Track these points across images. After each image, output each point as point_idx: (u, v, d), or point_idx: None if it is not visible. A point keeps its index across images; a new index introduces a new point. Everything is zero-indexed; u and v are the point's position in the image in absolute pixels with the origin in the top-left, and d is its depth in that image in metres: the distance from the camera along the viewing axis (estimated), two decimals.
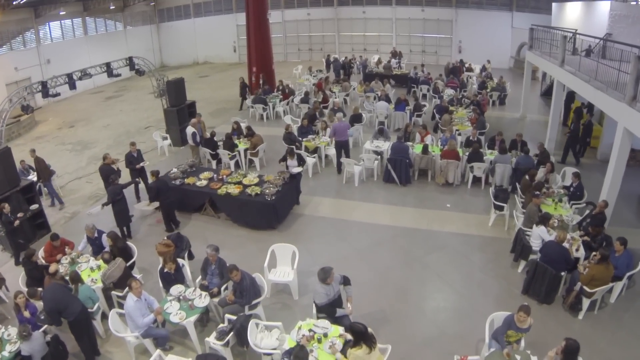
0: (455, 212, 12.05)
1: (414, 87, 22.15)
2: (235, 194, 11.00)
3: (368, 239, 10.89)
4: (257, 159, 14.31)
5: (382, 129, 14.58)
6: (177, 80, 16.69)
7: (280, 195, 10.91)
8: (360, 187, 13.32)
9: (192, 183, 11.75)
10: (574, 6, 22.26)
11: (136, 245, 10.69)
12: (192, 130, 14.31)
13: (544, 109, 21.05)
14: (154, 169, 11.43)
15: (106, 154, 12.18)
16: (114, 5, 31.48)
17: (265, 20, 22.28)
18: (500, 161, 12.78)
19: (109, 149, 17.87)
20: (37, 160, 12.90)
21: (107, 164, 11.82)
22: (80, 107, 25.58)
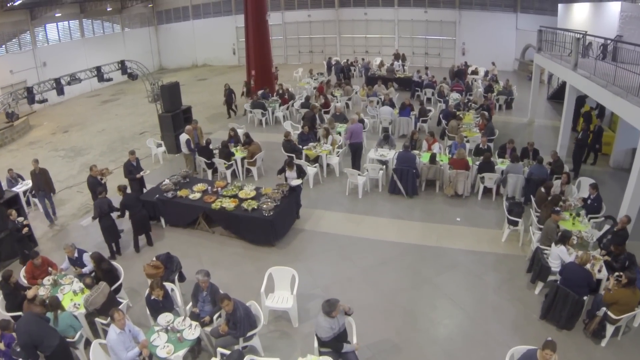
0: (465, 227, 11.20)
1: (418, 91, 21.33)
2: (231, 208, 10.15)
3: (373, 257, 10.05)
4: (254, 168, 13.46)
5: (387, 136, 13.73)
6: (171, 84, 15.86)
7: (279, 211, 10.06)
8: (365, 199, 12.46)
9: (184, 196, 10.91)
10: (581, 7, 21.44)
11: (126, 263, 10.01)
12: (185, 138, 13.53)
13: (551, 113, 20.24)
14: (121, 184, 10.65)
15: (93, 165, 11.35)
16: (112, 7, 30.72)
17: (265, 22, 21.47)
18: (513, 171, 11.97)
19: (103, 155, 17.14)
20: (41, 172, 12.01)
21: (93, 176, 10.98)
22: (76, 111, 24.80)
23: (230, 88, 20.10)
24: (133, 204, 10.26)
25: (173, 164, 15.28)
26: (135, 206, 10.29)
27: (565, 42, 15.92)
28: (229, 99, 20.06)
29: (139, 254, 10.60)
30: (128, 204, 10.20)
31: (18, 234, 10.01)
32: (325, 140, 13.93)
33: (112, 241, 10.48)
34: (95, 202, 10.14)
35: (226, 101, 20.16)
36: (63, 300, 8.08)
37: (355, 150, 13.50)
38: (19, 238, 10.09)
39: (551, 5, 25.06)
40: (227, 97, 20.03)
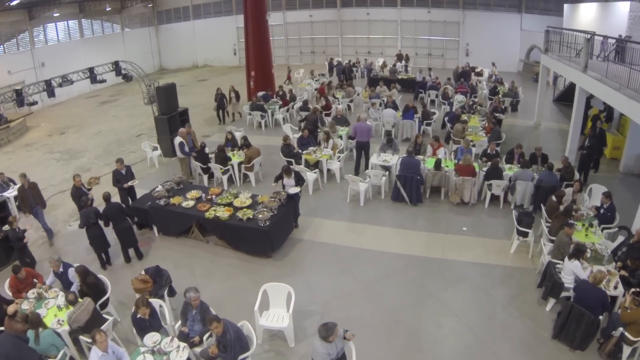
0: (472, 237, 10.57)
1: (422, 93, 20.68)
2: (225, 218, 9.54)
3: (375, 270, 9.42)
4: (252, 173, 12.85)
5: (391, 140, 13.08)
6: (167, 85, 15.26)
7: (276, 220, 9.45)
8: (366, 206, 11.82)
9: (177, 204, 10.30)
10: (588, 7, 20.85)
11: (116, 274, 9.58)
12: (179, 141, 12.91)
13: (558, 116, 19.61)
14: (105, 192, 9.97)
15: (76, 175, 10.69)
16: (111, 7, 30.15)
17: (265, 22, 20.84)
18: (522, 178, 11.35)
19: (98, 159, 16.58)
20: (31, 187, 11.16)
21: (76, 186, 10.38)
22: (74, 112, 24.26)
23: (222, 92, 18.91)
24: (115, 214, 9.63)
25: (169, 168, 14.70)
26: (117, 217, 9.65)
27: (574, 42, 15.34)
28: (220, 103, 18.93)
29: (130, 264, 10.04)
30: (110, 213, 9.59)
31: (19, 242, 9.47)
32: (325, 145, 13.29)
33: (101, 251, 9.91)
34: (82, 212, 9.56)
35: (218, 106, 19.00)
36: (47, 315, 7.59)
37: (360, 149, 13.07)
38: (20, 247, 9.55)
39: (556, 5, 24.51)
40: (219, 101, 18.87)
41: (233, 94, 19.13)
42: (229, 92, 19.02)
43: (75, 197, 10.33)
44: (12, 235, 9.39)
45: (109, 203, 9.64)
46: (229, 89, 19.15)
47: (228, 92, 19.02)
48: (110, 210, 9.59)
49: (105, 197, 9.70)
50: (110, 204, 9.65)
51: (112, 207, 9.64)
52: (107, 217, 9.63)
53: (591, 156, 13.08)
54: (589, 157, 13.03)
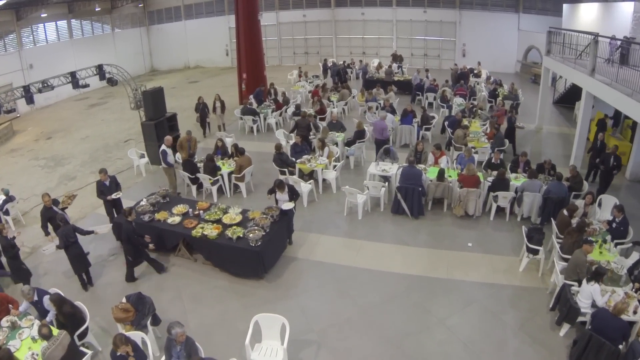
0: (478, 254, 9.80)
1: (419, 95, 19.86)
2: (213, 236, 8.69)
3: (376, 292, 8.62)
4: (243, 184, 11.97)
5: (389, 150, 12.27)
6: (155, 90, 14.35)
7: (268, 240, 8.61)
8: (365, 220, 10.99)
9: (162, 220, 9.44)
10: (589, 7, 20.12)
11: (98, 295, 8.85)
12: (162, 149, 11.98)
13: (559, 119, 18.89)
14: (62, 214, 9.11)
15: (44, 194, 9.66)
16: (101, 7, 29.09)
17: (257, 23, 19.93)
18: (530, 189, 10.59)
19: (83, 166, 15.69)
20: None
21: (47, 206, 9.46)
22: (62, 115, 23.26)
23: (203, 102, 16.92)
24: (72, 234, 8.69)
25: (156, 177, 13.81)
26: (74, 238, 8.73)
27: (576, 44, 14.63)
28: (202, 114, 16.90)
29: (114, 284, 9.22)
30: (69, 234, 8.62)
31: (13, 250, 8.74)
32: (320, 153, 12.45)
33: (82, 271, 9.05)
34: (59, 231, 8.66)
35: (200, 117, 16.96)
36: (20, 348, 6.84)
37: (377, 147, 13.25)
38: (12, 255, 8.79)
39: (554, 5, 23.83)
40: (201, 111, 16.83)
41: (218, 103, 17.11)
42: (213, 101, 17.06)
43: (44, 217, 9.40)
44: (4, 243, 8.69)
45: (65, 225, 8.74)
46: (214, 98, 17.19)
47: (212, 101, 17.10)
48: (69, 232, 8.65)
49: (62, 219, 8.83)
50: (67, 226, 8.73)
51: (71, 229, 8.72)
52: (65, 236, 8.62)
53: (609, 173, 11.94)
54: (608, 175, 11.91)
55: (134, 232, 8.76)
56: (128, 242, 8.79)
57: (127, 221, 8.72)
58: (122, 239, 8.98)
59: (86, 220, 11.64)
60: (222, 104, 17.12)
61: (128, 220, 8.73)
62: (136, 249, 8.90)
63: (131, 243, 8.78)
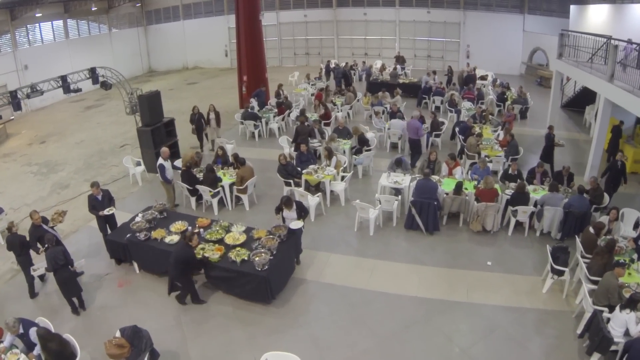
0: (498, 273, 9.04)
1: (425, 99, 19.02)
2: (215, 259, 7.87)
3: (393, 319, 7.83)
4: (245, 196, 11.13)
5: (401, 160, 11.44)
6: (151, 94, 13.47)
7: (276, 263, 7.78)
8: (377, 236, 10.16)
9: (159, 238, 8.59)
10: (599, 9, 19.35)
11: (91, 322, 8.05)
12: (159, 162, 10.91)
13: (568, 123, 18.11)
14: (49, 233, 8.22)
15: (33, 212, 8.70)
16: (97, 6, 28.13)
17: (258, 23, 19.05)
18: (551, 202, 9.82)
19: (77, 173, 14.83)
20: None
21: (36, 224, 8.59)
22: (58, 117, 22.35)
23: (199, 112, 14.94)
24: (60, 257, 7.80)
25: (153, 186, 12.99)
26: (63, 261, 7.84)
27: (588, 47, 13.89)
28: (198, 125, 14.97)
29: (105, 308, 8.42)
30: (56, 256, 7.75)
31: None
32: (327, 162, 11.62)
33: (72, 296, 8.22)
34: (47, 253, 7.81)
35: (196, 128, 15.03)
36: None
37: (410, 144, 13.35)
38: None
39: (560, 6, 23.07)
40: (197, 122, 14.90)
41: (213, 115, 15.13)
42: (207, 112, 15.14)
43: (33, 237, 8.52)
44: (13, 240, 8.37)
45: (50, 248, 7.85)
46: (208, 109, 15.26)
47: (206, 112, 15.18)
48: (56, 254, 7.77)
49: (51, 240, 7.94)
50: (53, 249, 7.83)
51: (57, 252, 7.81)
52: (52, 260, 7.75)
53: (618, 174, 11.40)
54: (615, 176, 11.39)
55: (193, 258, 7.75)
56: (184, 269, 7.76)
57: (187, 246, 7.69)
58: (176, 264, 7.78)
59: (78, 235, 10.84)
60: (217, 116, 15.24)
61: (189, 245, 7.71)
62: (189, 277, 7.90)
63: (187, 270, 7.77)
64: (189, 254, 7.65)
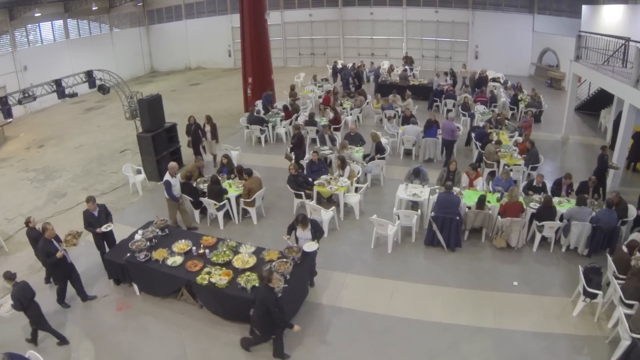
0: (526, 295, 8.32)
1: (437, 101, 18.22)
2: (222, 285, 7.10)
3: (418, 350, 7.09)
4: (253, 209, 10.36)
5: (419, 170, 10.67)
6: (151, 98, 12.69)
7: (290, 289, 7.02)
8: (395, 253, 9.39)
9: (161, 260, 7.83)
10: (613, 9, 18.56)
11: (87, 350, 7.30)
12: (165, 179, 9.87)
13: (583, 128, 17.36)
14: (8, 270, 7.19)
15: (46, 223, 7.86)
16: (99, 5, 27.32)
17: (264, 23, 18.23)
18: (579, 217, 9.11)
19: (75, 180, 14.09)
20: None
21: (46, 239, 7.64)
22: (57, 120, 21.59)
23: (196, 122, 13.58)
24: (29, 294, 6.94)
25: (154, 196, 12.25)
26: (31, 298, 6.97)
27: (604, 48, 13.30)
28: (194, 137, 13.54)
29: (105, 334, 7.67)
30: (26, 291, 6.86)
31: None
32: (340, 172, 10.83)
33: (46, 330, 7.37)
34: (13, 292, 6.86)
35: (192, 141, 13.59)
36: None
37: (445, 146, 13.11)
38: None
39: (570, 6, 22.27)
40: (193, 134, 13.48)
41: (208, 127, 13.61)
42: (203, 124, 13.74)
43: (42, 253, 7.64)
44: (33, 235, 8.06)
45: (17, 284, 6.91)
46: (205, 120, 13.81)
47: (203, 124, 13.79)
48: (23, 291, 6.85)
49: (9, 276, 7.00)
50: (20, 284, 6.90)
51: (24, 288, 6.89)
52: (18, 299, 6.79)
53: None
54: None
55: (276, 302, 6.40)
56: (265, 314, 6.41)
57: (268, 288, 6.41)
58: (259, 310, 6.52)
59: (76, 250, 10.03)
60: (214, 128, 13.69)
61: (269, 287, 6.42)
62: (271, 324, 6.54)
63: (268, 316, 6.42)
64: (271, 297, 6.38)
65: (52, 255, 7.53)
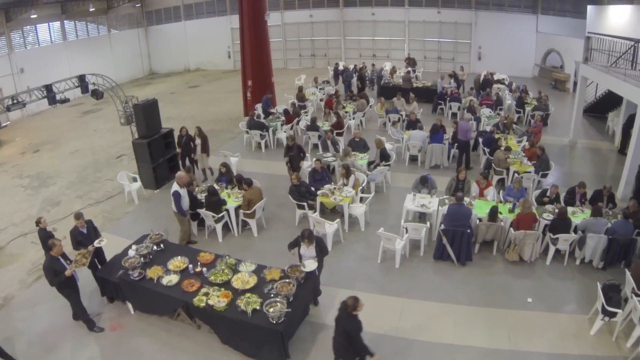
0: (540, 312, 7.83)
1: (441, 104, 17.70)
2: (221, 308, 6.59)
3: None
4: (253, 220, 9.85)
5: (427, 178, 10.16)
6: (147, 103, 12.18)
7: (293, 313, 6.51)
8: (403, 268, 8.87)
9: (155, 279, 7.32)
10: (620, 10, 18.03)
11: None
12: (174, 189, 9.03)
13: (590, 131, 16.88)
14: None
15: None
16: (96, 7, 26.80)
17: (264, 24, 17.73)
18: (594, 229, 8.64)
19: (69, 188, 13.63)
20: None
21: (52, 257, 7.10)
22: (54, 123, 21.10)
23: (187, 134, 12.53)
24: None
25: (150, 205, 11.78)
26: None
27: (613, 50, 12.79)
28: (185, 150, 12.51)
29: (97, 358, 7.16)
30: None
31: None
32: (345, 181, 10.32)
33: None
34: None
35: (182, 154, 12.62)
36: None
37: (461, 147, 12.68)
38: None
39: (575, 6, 21.79)
40: (183, 146, 12.46)
41: (198, 140, 12.41)
42: (194, 135, 12.61)
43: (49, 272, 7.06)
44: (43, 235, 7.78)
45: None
46: (195, 132, 12.61)
47: (195, 134, 12.61)
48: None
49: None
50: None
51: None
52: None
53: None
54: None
55: (360, 332, 5.80)
56: (348, 343, 5.82)
57: (352, 316, 5.76)
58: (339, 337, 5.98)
59: None
60: (205, 141, 12.47)
61: (354, 315, 5.77)
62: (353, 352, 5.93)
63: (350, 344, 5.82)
64: (356, 326, 5.78)
65: (60, 273, 7.02)
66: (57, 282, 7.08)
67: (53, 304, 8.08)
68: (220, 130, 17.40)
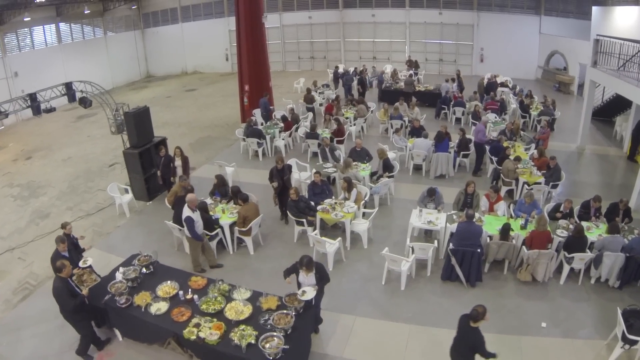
0: (556, 338, 7.28)
1: (444, 109, 17.10)
2: (213, 341, 6.00)
3: None
4: (249, 238, 9.24)
5: (434, 190, 9.55)
6: (139, 110, 11.57)
7: (292, 348, 5.90)
8: (409, 291, 8.27)
9: (143, 307, 6.73)
10: (628, 11, 17.45)
11: None
12: (186, 214, 8.11)
13: (597, 136, 16.35)
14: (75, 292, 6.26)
15: (63, 262, 6.62)
16: (92, 9, 26.22)
17: (261, 26, 17.10)
18: (612, 247, 8.10)
19: (59, 198, 13.07)
20: None
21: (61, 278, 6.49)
22: (47, 129, 20.49)
23: (166, 154, 11.40)
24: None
25: (142, 218, 11.20)
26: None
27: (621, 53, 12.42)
28: (164, 171, 11.29)
29: None
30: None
31: None
32: (347, 195, 9.72)
33: None
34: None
35: (161, 176, 11.39)
36: None
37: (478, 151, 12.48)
38: None
39: (578, 7, 21.25)
40: (163, 168, 11.26)
41: (178, 161, 11.34)
42: (173, 156, 11.46)
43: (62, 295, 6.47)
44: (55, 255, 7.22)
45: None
46: (175, 152, 11.48)
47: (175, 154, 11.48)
48: None
49: None
50: None
51: None
52: None
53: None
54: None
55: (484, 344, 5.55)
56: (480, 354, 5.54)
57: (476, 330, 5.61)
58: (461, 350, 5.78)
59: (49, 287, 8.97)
60: (185, 162, 11.40)
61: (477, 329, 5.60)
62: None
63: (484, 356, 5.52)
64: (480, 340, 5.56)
65: (76, 295, 6.48)
66: (74, 306, 6.49)
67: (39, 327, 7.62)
68: (217, 137, 16.80)
